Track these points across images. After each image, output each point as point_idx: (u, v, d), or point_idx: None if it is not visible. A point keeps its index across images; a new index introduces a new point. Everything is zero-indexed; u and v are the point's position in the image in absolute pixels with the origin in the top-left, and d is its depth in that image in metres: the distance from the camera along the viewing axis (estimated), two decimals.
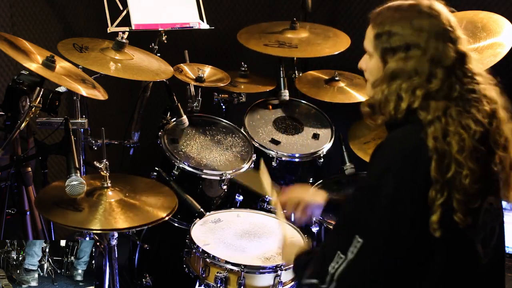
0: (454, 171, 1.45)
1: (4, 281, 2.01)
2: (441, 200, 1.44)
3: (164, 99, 2.90)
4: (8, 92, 2.31)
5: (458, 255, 1.52)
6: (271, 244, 2.43)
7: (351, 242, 1.48)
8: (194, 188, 2.73)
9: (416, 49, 1.51)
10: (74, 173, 2.08)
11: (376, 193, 1.48)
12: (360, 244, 1.47)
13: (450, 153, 1.46)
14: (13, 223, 2.56)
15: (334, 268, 1.50)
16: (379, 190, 1.47)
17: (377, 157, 1.55)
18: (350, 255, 1.48)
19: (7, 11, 3.03)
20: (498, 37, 2.66)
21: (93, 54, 2.55)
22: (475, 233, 1.53)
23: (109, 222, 2.08)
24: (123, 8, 2.95)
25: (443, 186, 1.44)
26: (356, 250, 1.47)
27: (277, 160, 2.93)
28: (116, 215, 2.11)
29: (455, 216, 1.46)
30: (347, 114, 2.92)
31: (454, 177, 1.45)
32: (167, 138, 2.83)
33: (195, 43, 3.77)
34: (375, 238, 1.47)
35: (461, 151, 1.46)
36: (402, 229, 1.46)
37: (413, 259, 1.50)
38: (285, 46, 3.14)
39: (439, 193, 1.44)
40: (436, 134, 1.46)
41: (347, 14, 3.73)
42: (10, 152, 2.43)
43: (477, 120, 1.50)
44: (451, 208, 1.46)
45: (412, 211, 1.46)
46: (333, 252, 1.51)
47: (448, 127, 1.47)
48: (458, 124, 1.48)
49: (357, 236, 1.47)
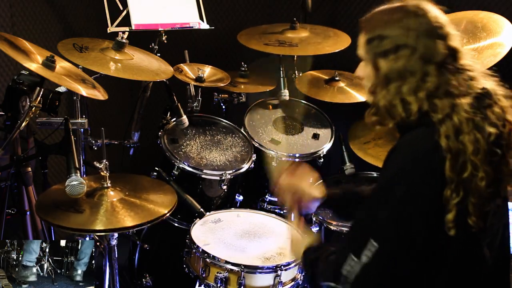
0: (469, 173, 1.45)
1: (4, 281, 2.01)
2: (456, 199, 1.44)
3: (164, 99, 2.90)
4: (8, 92, 2.31)
5: (467, 258, 1.53)
6: (271, 244, 2.43)
7: (365, 245, 1.48)
8: (194, 188, 2.72)
9: (405, 48, 1.51)
10: (74, 173, 2.08)
11: (388, 196, 1.48)
12: (375, 248, 1.47)
13: (464, 153, 1.46)
14: (13, 223, 2.56)
15: (347, 271, 1.50)
16: (392, 193, 1.48)
17: (390, 161, 1.55)
18: (365, 258, 1.48)
19: (7, 11, 3.03)
20: (498, 37, 2.66)
21: (93, 54, 2.55)
22: (484, 236, 1.53)
23: (111, 222, 2.08)
24: (123, 8, 2.95)
25: (458, 185, 1.45)
26: (371, 254, 1.47)
27: (277, 160, 2.93)
28: (118, 214, 2.11)
29: (470, 219, 1.47)
30: (347, 114, 2.93)
31: (470, 179, 1.45)
32: (167, 138, 2.83)
33: (195, 43, 3.77)
34: (390, 242, 1.48)
35: (476, 153, 1.46)
36: (416, 231, 1.47)
37: (425, 262, 1.51)
38: (286, 45, 3.15)
39: (454, 193, 1.44)
40: (448, 133, 1.46)
41: (347, 14, 3.73)
42: (10, 152, 2.43)
43: (491, 122, 1.50)
44: (466, 210, 1.46)
45: (425, 213, 1.47)
46: (346, 254, 1.52)
47: (461, 126, 1.47)
48: (472, 123, 1.48)
49: (372, 240, 1.48)
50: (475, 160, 1.46)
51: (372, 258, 1.47)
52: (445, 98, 1.50)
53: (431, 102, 1.50)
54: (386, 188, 1.51)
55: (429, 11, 1.55)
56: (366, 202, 1.61)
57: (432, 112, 1.50)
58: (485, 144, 1.48)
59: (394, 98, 1.53)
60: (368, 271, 1.48)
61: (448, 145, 1.46)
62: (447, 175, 1.45)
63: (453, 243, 1.48)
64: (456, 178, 1.45)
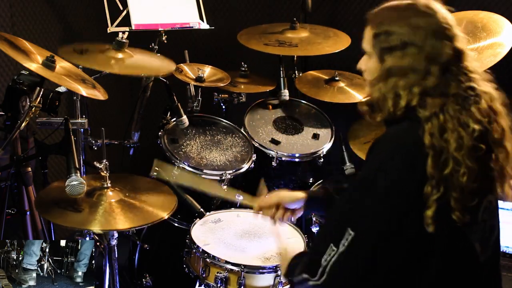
0: (451, 169, 1.45)
1: (4, 281, 2.01)
2: (436, 195, 1.44)
3: (164, 99, 2.90)
4: (8, 92, 2.31)
5: (455, 253, 1.53)
6: (271, 244, 2.42)
7: (343, 234, 1.48)
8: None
9: (412, 47, 1.52)
10: (74, 173, 2.08)
11: (369, 187, 1.49)
12: (351, 236, 1.47)
13: (447, 150, 1.46)
14: (13, 223, 2.56)
15: (326, 260, 1.50)
16: (373, 184, 1.48)
17: (373, 153, 1.56)
18: (342, 247, 1.48)
19: (7, 11, 3.03)
20: (498, 37, 2.66)
21: (94, 55, 2.53)
22: (472, 231, 1.53)
23: (109, 222, 2.08)
24: (123, 8, 2.96)
25: (439, 182, 1.45)
26: (347, 243, 1.47)
27: (277, 160, 2.93)
28: (116, 215, 2.11)
29: (453, 214, 1.47)
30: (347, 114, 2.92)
31: (451, 175, 1.46)
32: (167, 138, 2.83)
33: (195, 43, 3.77)
34: (367, 232, 1.48)
35: (459, 149, 1.46)
36: (395, 224, 1.47)
37: (409, 255, 1.50)
38: (285, 45, 3.15)
39: (434, 189, 1.45)
40: (432, 130, 1.47)
41: (347, 14, 3.73)
42: (10, 152, 2.43)
43: (476, 119, 1.50)
44: (449, 205, 1.46)
45: (406, 206, 1.47)
46: (326, 244, 1.52)
47: (446, 124, 1.47)
48: (457, 121, 1.48)
49: (349, 229, 1.48)
50: (457, 156, 1.46)
51: (348, 246, 1.47)
52: (438, 98, 1.50)
53: (422, 98, 1.51)
54: (367, 180, 1.51)
55: (439, 11, 1.55)
56: (346, 192, 1.62)
57: (420, 107, 1.50)
58: (469, 140, 1.48)
59: (389, 91, 1.54)
60: (344, 260, 1.48)
61: (432, 143, 1.46)
62: (428, 172, 1.45)
63: (438, 238, 1.48)
64: (437, 175, 1.45)
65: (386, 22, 1.56)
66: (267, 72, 3.38)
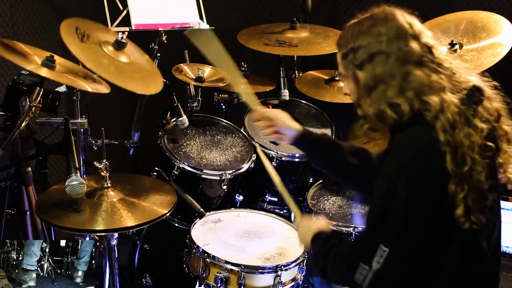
0: (469, 167, 1.47)
1: (4, 281, 2.01)
2: (462, 194, 1.46)
3: (164, 99, 2.89)
4: (8, 92, 2.31)
5: (468, 253, 1.55)
6: (271, 244, 2.43)
7: (375, 252, 1.49)
8: (194, 188, 2.72)
9: (380, 55, 1.54)
10: (74, 173, 2.07)
11: (393, 199, 1.49)
12: (386, 253, 1.48)
13: (462, 146, 1.47)
14: (13, 223, 2.56)
15: (360, 279, 1.52)
16: (395, 194, 1.48)
17: (387, 161, 1.55)
18: (376, 265, 1.49)
19: (7, 11, 3.03)
20: (498, 37, 2.66)
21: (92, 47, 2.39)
22: (482, 231, 1.54)
23: (111, 222, 2.07)
24: (123, 8, 2.95)
25: (462, 179, 1.46)
26: (382, 260, 1.49)
27: (277, 160, 2.93)
28: (118, 215, 2.11)
29: (472, 216, 1.48)
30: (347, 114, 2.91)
31: (470, 173, 1.47)
32: (167, 138, 2.83)
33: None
34: (400, 245, 1.49)
35: (472, 148, 1.48)
36: (423, 230, 1.49)
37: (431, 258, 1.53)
38: (285, 45, 3.15)
39: (459, 187, 1.46)
40: (444, 127, 1.48)
41: (347, 14, 3.72)
42: (10, 152, 2.43)
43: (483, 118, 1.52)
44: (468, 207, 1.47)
45: (429, 210, 1.48)
46: (355, 263, 1.54)
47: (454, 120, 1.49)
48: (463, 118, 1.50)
49: (382, 246, 1.49)
50: (472, 155, 1.47)
51: (384, 263, 1.49)
52: (432, 94, 1.51)
53: (421, 99, 1.51)
54: (389, 193, 1.50)
55: (397, 14, 1.58)
56: (370, 210, 1.61)
57: (425, 110, 1.51)
58: (479, 139, 1.49)
59: (380, 103, 1.55)
60: (382, 276, 1.50)
61: (447, 139, 1.47)
62: (450, 169, 1.46)
63: (456, 239, 1.50)
64: (458, 171, 1.46)
65: (350, 39, 1.61)
66: (267, 72, 3.38)
